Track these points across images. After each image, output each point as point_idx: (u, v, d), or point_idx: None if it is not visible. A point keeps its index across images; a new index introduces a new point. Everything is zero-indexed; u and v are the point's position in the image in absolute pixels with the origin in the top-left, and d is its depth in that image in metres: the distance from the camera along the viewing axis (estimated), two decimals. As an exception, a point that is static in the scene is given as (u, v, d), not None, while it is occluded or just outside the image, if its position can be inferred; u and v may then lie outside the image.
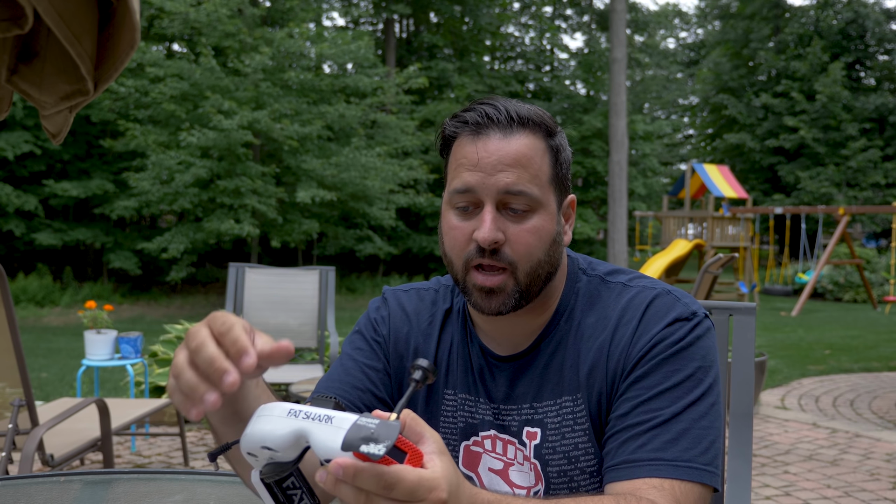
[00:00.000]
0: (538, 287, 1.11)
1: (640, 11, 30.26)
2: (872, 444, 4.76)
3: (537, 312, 1.15)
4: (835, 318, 12.49)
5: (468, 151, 1.08)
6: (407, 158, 17.43)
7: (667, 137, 30.39)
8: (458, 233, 1.09)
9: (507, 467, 1.16)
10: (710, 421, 1.03)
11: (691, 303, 1.11)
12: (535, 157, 1.08)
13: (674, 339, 1.06)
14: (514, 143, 1.07)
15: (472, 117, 1.09)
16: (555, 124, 1.12)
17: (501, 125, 1.08)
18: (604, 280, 1.17)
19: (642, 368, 1.05)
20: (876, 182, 24.72)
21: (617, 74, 18.08)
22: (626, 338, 1.08)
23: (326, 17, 24.20)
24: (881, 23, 27.13)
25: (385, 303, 1.27)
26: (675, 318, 1.08)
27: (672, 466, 0.99)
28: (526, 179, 1.06)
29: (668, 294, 1.11)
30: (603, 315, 1.12)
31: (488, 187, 1.06)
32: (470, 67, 23.31)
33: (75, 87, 1.12)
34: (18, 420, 2.61)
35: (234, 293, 4.76)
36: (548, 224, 1.09)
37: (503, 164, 1.06)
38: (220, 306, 13.92)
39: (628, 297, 1.12)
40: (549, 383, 1.13)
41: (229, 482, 1.18)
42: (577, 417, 1.11)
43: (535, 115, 1.10)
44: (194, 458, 4.33)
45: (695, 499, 0.99)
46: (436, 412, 1.21)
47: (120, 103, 14.91)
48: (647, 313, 1.09)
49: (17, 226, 15.10)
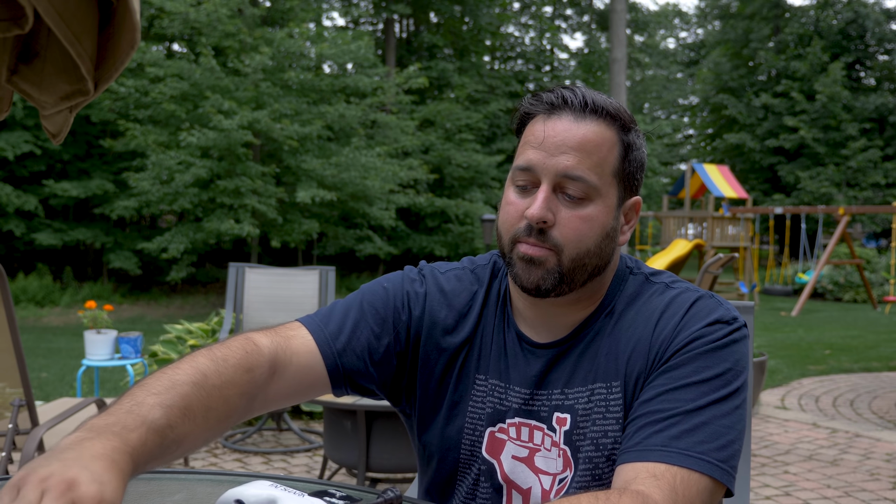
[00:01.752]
0: (583, 277, 1.09)
1: (640, 11, 30.28)
2: (872, 444, 4.76)
3: (582, 305, 1.14)
4: (835, 318, 12.49)
5: (537, 130, 1.09)
6: (407, 158, 17.44)
7: (667, 137, 30.40)
8: (512, 208, 1.10)
9: (533, 454, 1.14)
10: (732, 421, 1.01)
11: (733, 309, 1.11)
12: (602, 145, 1.08)
13: (711, 339, 1.05)
14: (582, 128, 1.07)
15: (548, 97, 1.10)
16: (632, 120, 1.12)
17: (575, 109, 1.08)
18: (647, 279, 1.17)
19: (676, 360, 1.05)
20: (876, 182, 24.73)
21: (617, 74, 18.08)
22: (668, 331, 1.07)
23: (326, 17, 24.21)
24: (881, 23, 27.13)
25: (423, 279, 1.23)
26: (717, 319, 1.07)
27: (680, 454, 0.96)
28: (587, 166, 1.06)
29: (711, 298, 1.11)
30: (643, 310, 1.12)
31: (548, 168, 1.06)
32: (470, 67, 23.32)
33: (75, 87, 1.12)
34: (18, 420, 2.61)
35: (234, 293, 4.76)
36: (603, 216, 1.08)
37: (567, 147, 1.06)
38: (220, 306, 13.92)
39: (671, 296, 1.12)
40: (582, 370, 1.12)
41: (230, 482, 1.18)
42: (609, 405, 1.09)
43: (612, 106, 1.10)
44: (194, 457, 4.33)
45: (696, 490, 0.95)
46: (465, 396, 1.19)
47: (120, 103, 14.91)
48: (690, 311, 1.08)
49: (17, 226, 15.10)
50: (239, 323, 4.73)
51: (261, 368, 1.03)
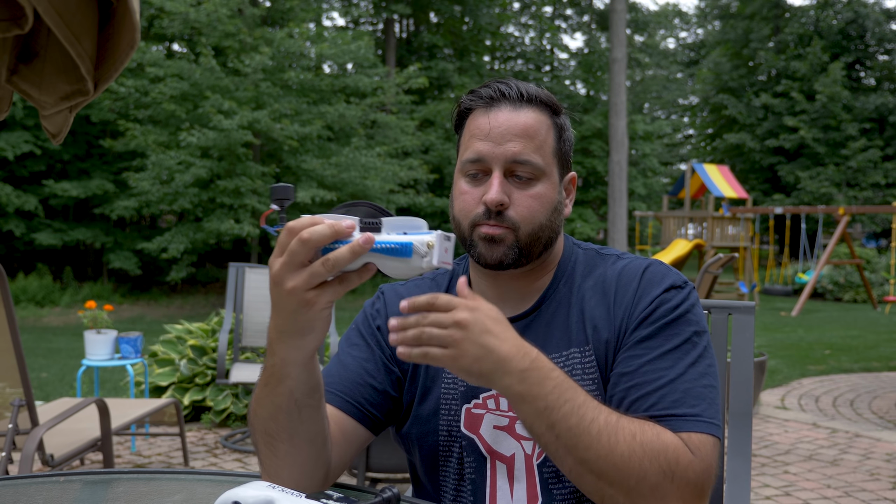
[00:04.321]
0: (539, 249, 1.20)
1: (640, 11, 30.26)
2: (872, 444, 4.76)
3: (537, 275, 1.24)
4: (835, 318, 12.49)
5: (481, 123, 1.19)
6: (407, 158, 17.44)
7: (667, 137, 30.40)
8: (467, 197, 1.19)
9: (513, 422, 1.19)
10: (709, 380, 1.12)
11: (680, 273, 1.22)
12: (540, 129, 1.18)
13: (672, 305, 1.15)
14: (522, 117, 1.18)
15: (486, 93, 1.20)
16: (559, 105, 1.23)
17: (512, 100, 1.19)
18: (598, 253, 1.28)
19: (646, 330, 1.14)
20: (876, 182, 24.72)
21: (617, 74, 18.07)
22: (629, 297, 1.18)
23: (326, 17, 24.20)
24: (881, 23, 27.12)
25: (381, 296, 1.34)
26: (671, 284, 1.18)
27: (683, 420, 1.06)
28: (531, 149, 1.17)
29: (659, 264, 1.22)
30: (601, 280, 1.22)
31: (497, 155, 1.16)
32: (470, 67, 23.32)
33: (75, 87, 1.12)
34: (18, 420, 2.61)
35: (234, 293, 4.76)
36: (550, 192, 1.19)
37: (511, 134, 1.16)
38: (220, 306, 13.92)
39: (623, 264, 1.23)
40: (554, 337, 1.21)
41: (229, 482, 1.18)
42: (585, 367, 1.17)
43: (543, 94, 1.21)
44: (194, 457, 4.33)
45: (710, 448, 1.06)
46: (436, 380, 1.25)
47: (120, 103, 14.90)
48: (644, 277, 1.19)
49: (17, 226, 15.10)
50: (239, 323, 4.73)
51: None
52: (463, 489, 1.22)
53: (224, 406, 4.96)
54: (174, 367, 5.21)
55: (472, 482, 1.21)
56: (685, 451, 1.03)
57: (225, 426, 5.01)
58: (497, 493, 1.20)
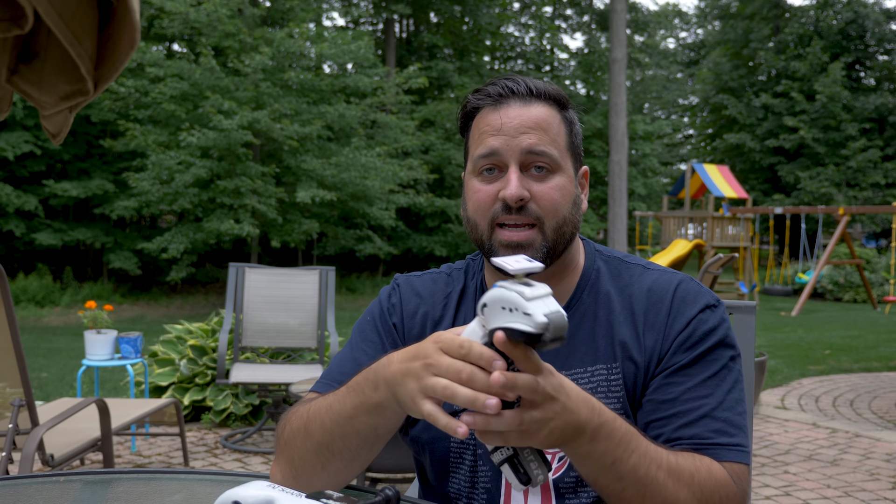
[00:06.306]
0: (563, 245, 1.15)
1: (640, 11, 30.25)
2: (872, 444, 4.76)
3: (559, 278, 1.20)
4: (835, 318, 12.49)
5: (491, 119, 1.15)
6: (407, 158, 17.43)
7: (667, 137, 30.39)
8: (482, 195, 1.14)
9: None
10: (743, 406, 1.12)
11: (710, 291, 1.18)
12: (553, 123, 1.16)
13: (708, 328, 1.13)
14: (533, 111, 1.15)
15: (493, 90, 1.17)
16: (568, 99, 1.20)
17: (521, 96, 1.16)
18: (623, 261, 1.23)
19: (685, 356, 1.11)
20: (876, 182, 24.72)
21: (617, 74, 18.07)
22: (662, 318, 1.14)
23: (326, 17, 24.21)
24: (881, 23, 27.12)
25: (396, 289, 1.30)
26: (706, 304, 1.15)
27: (726, 450, 1.07)
28: (547, 141, 1.13)
29: (690, 280, 1.18)
30: (629, 292, 1.18)
31: (512, 149, 1.13)
32: (470, 67, 23.31)
33: (75, 87, 1.12)
34: (18, 420, 2.61)
35: (234, 293, 4.76)
36: (568, 185, 1.16)
37: (525, 127, 1.13)
38: (220, 306, 13.92)
39: (653, 278, 1.18)
40: (579, 351, 1.16)
41: (229, 482, 1.18)
42: (611, 385, 1.14)
43: (552, 88, 1.18)
44: (194, 457, 4.33)
45: (746, 476, 1.08)
46: None
47: (120, 103, 14.91)
48: (676, 296, 1.15)
49: (17, 226, 15.10)
50: (239, 323, 4.73)
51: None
52: (476, 497, 1.21)
53: (224, 406, 4.96)
54: (174, 367, 5.21)
55: (487, 491, 1.19)
56: (731, 483, 1.05)
57: (225, 426, 5.01)
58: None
